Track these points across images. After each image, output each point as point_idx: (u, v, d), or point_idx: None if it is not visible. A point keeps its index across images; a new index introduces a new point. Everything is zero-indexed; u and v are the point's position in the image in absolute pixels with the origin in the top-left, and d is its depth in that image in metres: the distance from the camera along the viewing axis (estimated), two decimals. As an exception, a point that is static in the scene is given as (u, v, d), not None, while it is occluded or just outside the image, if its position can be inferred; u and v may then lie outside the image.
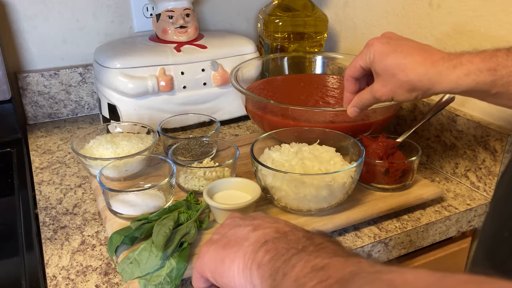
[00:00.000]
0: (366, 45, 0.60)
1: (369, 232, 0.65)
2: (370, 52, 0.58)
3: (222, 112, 0.95)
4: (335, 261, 0.32)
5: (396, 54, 0.55)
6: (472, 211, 0.72)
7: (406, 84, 0.55)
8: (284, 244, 0.37)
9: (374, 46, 0.58)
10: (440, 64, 0.52)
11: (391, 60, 0.55)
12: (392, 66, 0.55)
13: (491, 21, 0.71)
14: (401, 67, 0.55)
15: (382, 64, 0.57)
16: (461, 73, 0.51)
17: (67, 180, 0.78)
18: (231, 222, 0.45)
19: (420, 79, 0.54)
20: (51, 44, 0.97)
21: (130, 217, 0.61)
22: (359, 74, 0.62)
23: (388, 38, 0.58)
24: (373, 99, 0.60)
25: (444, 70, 0.52)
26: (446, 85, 0.52)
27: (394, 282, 0.26)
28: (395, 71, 0.55)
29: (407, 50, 0.55)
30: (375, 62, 0.58)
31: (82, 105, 1.02)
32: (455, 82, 0.52)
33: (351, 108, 0.65)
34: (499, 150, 0.70)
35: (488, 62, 0.50)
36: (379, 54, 0.57)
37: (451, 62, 0.52)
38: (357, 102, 0.63)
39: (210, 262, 0.41)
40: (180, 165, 0.68)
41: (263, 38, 1.03)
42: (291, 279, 0.33)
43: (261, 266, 0.36)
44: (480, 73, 0.50)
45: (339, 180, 0.61)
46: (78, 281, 0.56)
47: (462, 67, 0.51)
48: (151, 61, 0.86)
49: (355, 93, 0.64)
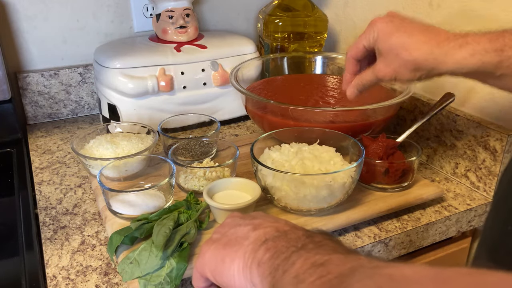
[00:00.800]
0: (369, 24, 0.58)
1: (369, 232, 0.65)
2: (373, 31, 0.57)
3: (222, 112, 0.95)
4: (334, 257, 0.32)
5: (401, 33, 0.54)
6: (472, 211, 0.72)
7: (410, 64, 0.54)
8: (284, 242, 0.37)
9: (377, 25, 0.57)
10: (445, 43, 0.51)
11: (395, 39, 0.54)
12: (396, 45, 0.54)
13: (491, 21, 0.71)
14: (405, 46, 0.54)
15: (386, 43, 0.55)
16: (467, 53, 0.50)
17: (67, 180, 0.78)
18: (231, 221, 0.45)
19: (425, 58, 0.52)
20: (51, 44, 0.97)
21: (130, 217, 0.61)
22: (361, 54, 0.61)
23: (392, 17, 0.57)
24: (375, 79, 0.59)
25: (450, 50, 0.51)
26: (451, 65, 0.51)
27: (393, 276, 0.26)
28: (399, 50, 0.54)
29: (412, 29, 0.54)
30: (378, 41, 0.57)
31: (82, 105, 1.02)
32: (460, 62, 0.50)
33: (351, 89, 0.63)
34: (499, 150, 0.70)
35: (494, 43, 0.49)
36: (383, 33, 0.56)
37: (456, 42, 0.51)
38: (357, 83, 0.62)
39: (210, 261, 0.41)
40: (180, 165, 0.68)
41: (263, 38, 1.03)
42: (290, 276, 0.33)
43: (261, 265, 0.37)
44: (486, 53, 0.49)
45: (339, 180, 0.61)
46: (78, 281, 0.56)
47: (468, 47, 0.50)
48: (151, 61, 0.86)
49: (355, 74, 0.63)
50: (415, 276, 0.25)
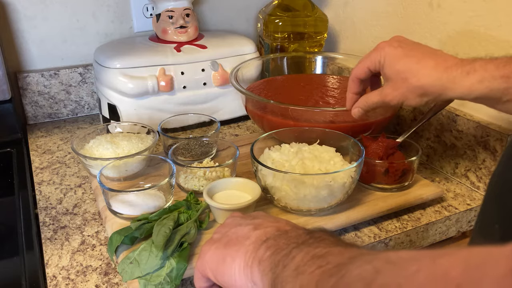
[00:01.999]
0: (376, 49, 0.59)
1: (369, 232, 0.65)
2: (380, 55, 0.58)
3: (222, 112, 0.95)
4: (334, 250, 0.33)
5: (409, 58, 0.55)
6: (472, 211, 0.72)
7: (418, 89, 0.54)
8: (285, 240, 0.37)
9: (385, 50, 0.57)
10: (453, 70, 0.52)
11: (404, 65, 0.55)
12: (404, 70, 0.55)
13: (491, 21, 0.71)
14: (413, 72, 0.54)
15: (393, 68, 0.56)
16: (475, 79, 0.50)
17: (67, 180, 0.78)
18: (232, 221, 0.45)
19: (433, 85, 0.53)
20: (51, 44, 0.97)
21: (130, 217, 0.61)
22: (365, 75, 0.62)
23: (400, 42, 0.58)
24: (381, 103, 0.60)
25: (458, 76, 0.51)
26: (459, 91, 0.52)
27: (390, 258, 0.27)
28: (407, 76, 0.55)
29: (420, 55, 0.55)
30: (385, 66, 0.57)
31: (82, 105, 1.02)
32: (468, 88, 0.51)
33: (356, 108, 0.64)
34: (499, 150, 0.70)
35: (502, 69, 0.49)
36: (390, 58, 0.56)
37: (464, 68, 0.51)
38: (363, 104, 0.63)
39: (212, 261, 0.41)
40: (180, 165, 0.68)
41: (263, 38, 1.03)
42: (291, 269, 0.33)
43: (262, 262, 0.37)
44: (493, 80, 0.49)
45: (339, 180, 0.61)
46: (78, 281, 0.56)
47: (476, 74, 0.50)
48: (151, 61, 0.86)
49: (358, 94, 0.64)
50: (411, 255, 0.26)
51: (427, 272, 0.23)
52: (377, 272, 0.26)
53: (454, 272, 0.22)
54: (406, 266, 0.25)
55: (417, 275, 0.24)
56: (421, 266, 0.24)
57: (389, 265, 0.26)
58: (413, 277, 0.24)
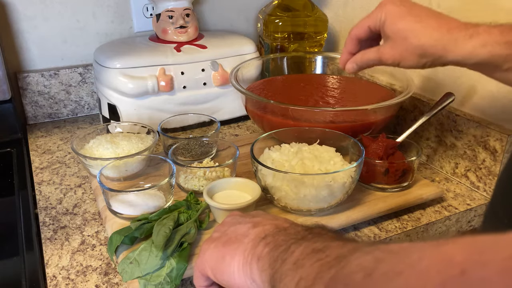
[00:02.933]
0: (378, 6, 0.57)
1: (369, 232, 0.65)
2: (382, 12, 0.56)
3: (222, 112, 0.95)
4: (334, 243, 0.33)
5: (411, 17, 0.53)
6: (472, 211, 0.72)
7: (418, 49, 0.53)
8: (284, 236, 0.37)
9: (386, 7, 0.56)
10: (456, 31, 0.50)
11: (404, 23, 0.53)
12: (404, 29, 0.53)
13: (491, 21, 0.71)
14: (414, 31, 0.53)
15: (394, 26, 0.54)
16: (478, 43, 0.49)
17: (67, 180, 0.78)
18: (231, 220, 0.45)
19: (434, 45, 0.51)
20: (51, 44, 0.97)
21: (130, 217, 0.61)
22: (365, 35, 0.60)
23: (402, 0, 0.56)
24: (377, 60, 0.58)
25: (460, 38, 0.50)
26: (460, 54, 0.50)
27: (391, 249, 0.27)
28: (407, 34, 0.53)
29: (422, 14, 0.53)
30: (386, 24, 0.55)
31: (82, 105, 1.02)
32: (470, 51, 0.50)
33: (351, 64, 0.62)
34: (499, 150, 0.70)
35: (506, 35, 0.48)
36: (391, 16, 0.55)
37: (467, 31, 0.50)
38: (358, 59, 0.61)
39: (211, 259, 0.41)
40: (180, 165, 0.68)
41: (263, 38, 1.03)
42: (290, 263, 0.33)
43: (261, 259, 0.37)
44: (497, 45, 0.48)
45: (339, 180, 0.61)
46: (78, 281, 0.56)
47: (479, 37, 0.49)
48: (151, 61, 0.86)
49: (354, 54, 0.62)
50: (414, 245, 0.26)
51: (430, 258, 0.23)
52: (378, 261, 0.26)
53: (459, 257, 0.22)
54: (408, 254, 0.25)
55: (419, 262, 0.23)
56: (424, 254, 0.24)
57: (390, 254, 0.26)
58: (416, 264, 0.23)
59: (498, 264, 0.20)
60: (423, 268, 0.23)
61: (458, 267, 0.21)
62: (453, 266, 0.21)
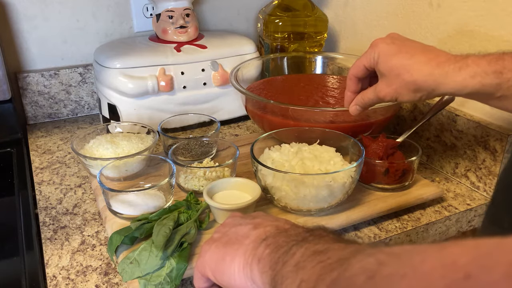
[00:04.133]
0: (371, 46, 0.59)
1: (369, 232, 0.65)
2: (375, 52, 0.58)
3: (222, 112, 0.95)
4: (335, 245, 0.33)
5: (402, 54, 0.55)
6: (472, 211, 0.72)
7: (411, 85, 0.55)
8: (284, 238, 0.37)
9: (379, 47, 0.58)
10: (446, 65, 0.52)
11: (396, 61, 0.55)
12: (397, 66, 0.55)
13: (491, 21, 0.71)
14: (406, 68, 0.54)
15: (387, 65, 0.56)
16: (467, 74, 0.51)
17: (67, 180, 0.78)
18: (232, 221, 0.45)
19: (425, 80, 0.53)
20: (51, 44, 0.97)
21: (130, 217, 0.61)
22: (362, 74, 0.62)
23: (393, 38, 0.58)
24: (376, 99, 0.60)
25: (450, 71, 0.52)
26: (452, 86, 0.52)
27: (394, 251, 0.26)
28: (400, 71, 0.55)
29: (413, 51, 0.55)
30: (379, 62, 0.57)
31: (82, 105, 1.02)
32: (461, 83, 0.51)
33: (353, 106, 0.64)
34: (499, 150, 0.70)
35: (494, 65, 0.50)
36: (384, 55, 0.57)
37: (457, 64, 0.52)
38: (359, 101, 0.63)
39: (211, 260, 0.41)
40: (180, 165, 0.68)
41: (263, 38, 1.03)
42: (291, 265, 0.33)
43: (261, 260, 0.37)
44: (486, 76, 0.50)
45: (339, 180, 0.61)
46: (78, 281, 0.56)
47: (468, 69, 0.51)
48: (151, 61, 0.86)
49: (357, 93, 0.64)
50: (416, 247, 0.26)
51: (434, 261, 0.23)
52: (380, 264, 0.26)
53: (463, 260, 0.21)
54: (411, 256, 0.25)
55: (422, 264, 0.23)
56: (427, 256, 0.24)
57: (393, 257, 0.26)
58: (419, 267, 0.23)
59: (504, 268, 0.20)
60: (426, 271, 0.23)
61: (462, 271, 0.21)
62: (457, 270, 0.21)
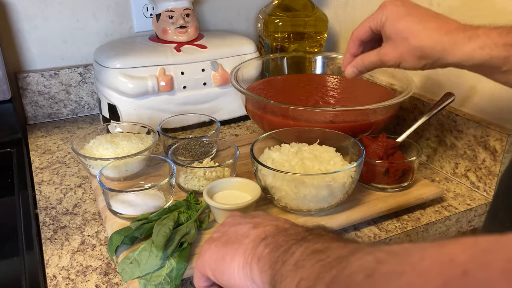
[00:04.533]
0: (379, 7, 0.57)
1: (369, 232, 0.65)
2: (383, 13, 0.56)
3: (222, 112, 0.95)
4: (334, 244, 0.33)
5: (411, 17, 0.54)
6: (472, 211, 0.72)
7: (417, 50, 0.53)
8: (284, 237, 0.37)
9: (387, 8, 0.56)
10: (455, 33, 0.51)
11: (405, 24, 0.54)
12: (405, 30, 0.54)
13: (491, 21, 0.71)
14: (414, 32, 0.53)
15: (394, 27, 0.55)
16: (476, 45, 0.49)
17: (67, 180, 0.78)
18: (231, 220, 0.45)
19: (433, 46, 0.52)
20: (51, 44, 0.97)
21: (130, 217, 0.61)
22: (367, 36, 0.60)
23: (403, 1, 0.56)
24: (378, 62, 0.59)
25: (459, 40, 0.50)
26: (459, 56, 0.51)
27: (393, 250, 0.26)
28: (407, 35, 0.53)
29: (422, 15, 0.54)
30: (387, 24, 0.56)
31: (82, 105, 1.02)
32: (469, 53, 0.50)
33: (351, 68, 0.63)
34: (499, 150, 0.70)
35: (505, 37, 0.48)
36: (392, 16, 0.55)
37: (466, 33, 0.50)
38: (358, 63, 0.61)
39: (211, 259, 0.41)
40: (180, 165, 0.68)
41: (263, 38, 1.03)
42: (290, 264, 0.33)
43: (261, 260, 0.37)
44: (495, 47, 0.48)
45: (339, 180, 0.61)
46: (78, 281, 0.56)
47: (478, 39, 0.49)
48: (151, 61, 0.86)
49: (356, 56, 0.62)
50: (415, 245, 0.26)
51: (432, 259, 0.23)
52: (379, 262, 0.26)
53: (461, 258, 0.22)
54: (409, 254, 0.25)
55: (421, 262, 0.23)
56: (425, 254, 0.24)
57: (392, 255, 0.26)
58: (417, 265, 0.23)
59: (501, 265, 0.20)
60: (425, 268, 0.23)
61: (460, 268, 0.21)
62: (455, 267, 0.21)
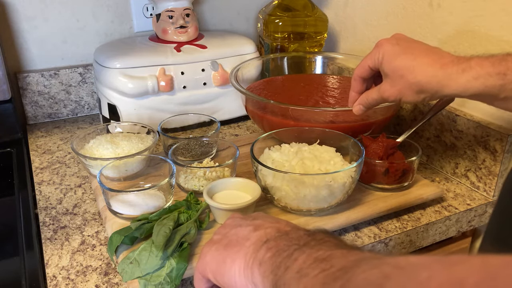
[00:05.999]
0: (375, 46, 0.60)
1: (369, 232, 0.65)
2: (379, 52, 0.58)
3: (222, 112, 0.95)
4: (337, 252, 0.32)
5: (406, 55, 0.56)
6: (472, 211, 0.72)
7: (415, 86, 0.55)
8: (286, 241, 0.37)
9: (383, 47, 0.58)
10: (449, 66, 0.52)
11: (401, 61, 0.56)
12: (401, 67, 0.56)
13: (492, 21, 0.71)
14: (410, 69, 0.55)
15: (391, 65, 0.57)
16: (470, 76, 0.51)
17: (67, 180, 0.78)
18: (232, 222, 0.45)
19: (429, 81, 0.54)
20: (51, 44, 0.97)
21: (130, 217, 0.61)
22: (367, 74, 0.62)
23: (398, 39, 0.59)
24: (380, 99, 0.61)
25: (454, 73, 0.52)
26: (455, 88, 0.52)
27: (399, 263, 0.26)
28: (404, 72, 0.55)
29: (417, 52, 0.56)
30: (384, 63, 0.58)
31: (82, 105, 1.02)
32: (464, 85, 0.51)
33: (357, 106, 0.65)
34: (499, 150, 0.70)
35: (498, 66, 0.50)
36: (388, 55, 0.57)
37: (460, 66, 0.52)
38: (363, 101, 0.64)
39: (212, 262, 0.41)
40: (180, 165, 0.68)
41: (263, 38, 1.03)
42: (293, 271, 0.33)
43: (262, 264, 0.37)
44: (489, 77, 0.50)
45: (339, 180, 0.61)
46: (78, 281, 0.56)
47: (472, 71, 0.51)
48: (151, 61, 0.86)
49: (361, 93, 0.65)
50: (422, 261, 0.26)
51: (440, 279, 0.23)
52: (385, 277, 0.25)
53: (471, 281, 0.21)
54: (416, 272, 0.24)
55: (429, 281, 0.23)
56: (433, 273, 0.23)
57: (398, 270, 0.26)
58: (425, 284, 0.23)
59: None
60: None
61: None
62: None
